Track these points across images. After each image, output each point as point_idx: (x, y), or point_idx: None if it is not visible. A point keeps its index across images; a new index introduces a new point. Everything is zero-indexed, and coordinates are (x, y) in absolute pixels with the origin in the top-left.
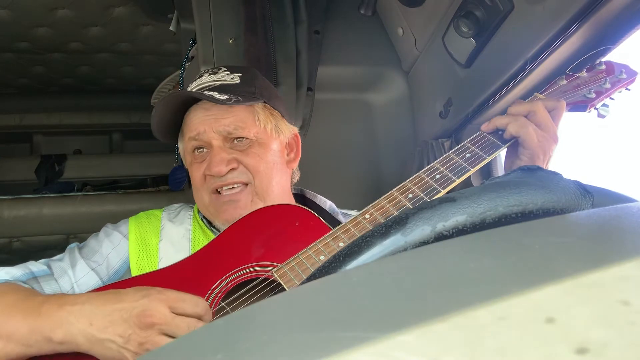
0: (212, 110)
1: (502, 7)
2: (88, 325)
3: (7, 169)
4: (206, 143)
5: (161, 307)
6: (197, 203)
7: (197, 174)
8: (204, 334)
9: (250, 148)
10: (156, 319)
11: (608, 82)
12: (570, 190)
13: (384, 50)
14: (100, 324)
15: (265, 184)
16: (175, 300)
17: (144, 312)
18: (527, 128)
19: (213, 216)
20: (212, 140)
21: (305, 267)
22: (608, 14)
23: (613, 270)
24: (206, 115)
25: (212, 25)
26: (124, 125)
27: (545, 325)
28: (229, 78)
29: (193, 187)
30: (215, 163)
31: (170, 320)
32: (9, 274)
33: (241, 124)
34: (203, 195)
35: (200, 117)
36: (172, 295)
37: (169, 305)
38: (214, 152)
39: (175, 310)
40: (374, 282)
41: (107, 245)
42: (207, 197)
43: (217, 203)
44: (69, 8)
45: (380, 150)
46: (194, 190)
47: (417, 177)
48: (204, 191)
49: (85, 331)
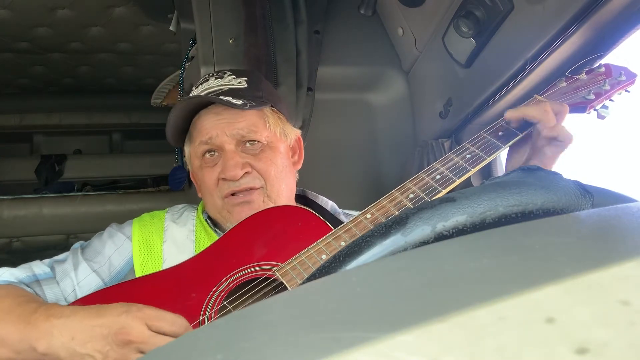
0: (223, 114)
1: (502, 7)
2: (70, 339)
3: (7, 169)
4: (218, 147)
5: (138, 325)
6: (208, 207)
7: (210, 178)
8: (204, 334)
9: (262, 152)
10: (133, 336)
11: (607, 84)
12: (570, 190)
13: (384, 50)
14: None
15: (277, 188)
16: (153, 318)
17: (122, 329)
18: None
19: (226, 219)
20: (225, 144)
21: (307, 266)
22: (608, 14)
23: (613, 270)
24: (218, 120)
25: (212, 25)
26: (124, 125)
27: (545, 325)
28: (236, 82)
29: (204, 191)
30: (231, 167)
31: (146, 339)
32: (12, 275)
33: (254, 127)
34: (215, 199)
35: (212, 122)
36: (151, 313)
37: (146, 323)
38: (227, 156)
39: (152, 328)
40: (374, 282)
41: (110, 247)
42: (219, 201)
43: (231, 205)
44: (69, 8)
45: (380, 150)
46: (205, 195)
47: (418, 177)
48: (216, 195)
49: (67, 345)
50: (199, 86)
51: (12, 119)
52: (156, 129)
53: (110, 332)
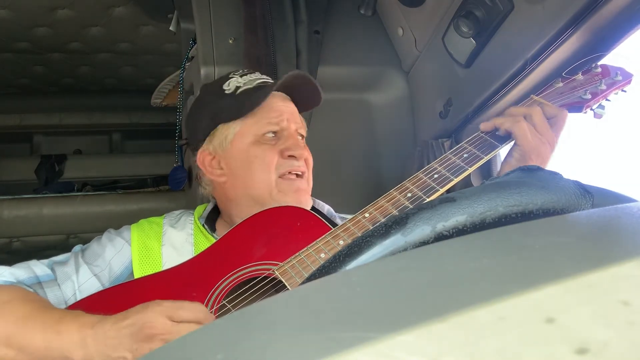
0: (287, 103)
1: (502, 7)
2: (104, 345)
3: (7, 169)
4: (284, 129)
5: (159, 317)
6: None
7: (271, 154)
8: (204, 334)
9: (305, 145)
10: (157, 330)
11: (603, 84)
12: (570, 190)
13: (384, 50)
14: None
15: (311, 179)
16: (173, 308)
17: (145, 324)
18: (520, 124)
19: (273, 197)
20: (291, 128)
21: (306, 264)
22: (608, 14)
23: (613, 270)
24: (286, 106)
25: (212, 25)
26: (124, 125)
27: (545, 325)
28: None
29: (256, 168)
30: (299, 146)
31: (170, 329)
32: (13, 275)
33: (303, 123)
34: (271, 175)
35: (281, 106)
36: (170, 304)
37: (167, 315)
38: (294, 138)
39: (174, 318)
40: (374, 282)
41: (110, 250)
42: (275, 177)
43: (285, 184)
44: (69, 8)
45: (380, 150)
46: (255, 171)
47: (416, 176)
48: (274, 172)
49: (102, 352)
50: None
51: (12, 119)
52: (156, 129)
53: (134, 331)
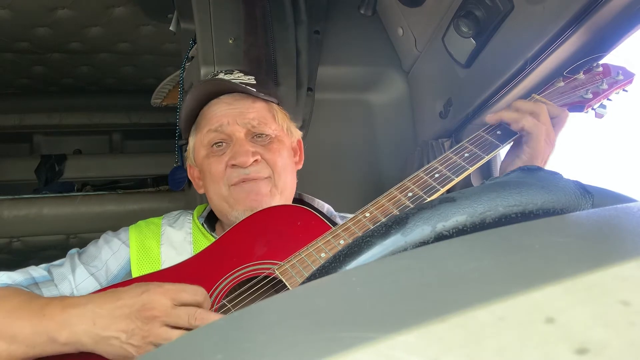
0: (235, 104)
1: (502, 7)
2: (91, 325)
3: (7, 169)
4: (228, 136)
5: (161, 298)
6: (212, 198)
7: (218, 166)
8: (204, 334)
9: (271, 144)
10: (157, 311)
11: (605, 84)
12: (570, 190)
13: (384, 50)
14: (103, 322)
15: (283, 179)
16: (174, 291)
17: (145, 305)
18: (539, 126)
19: (232, 207)
20: (236, 133)
21: (307, 264)
22: (608, 14)
23: (613, 270)
24: (230, 109)
25: (212, 25)
26: (124, 125)
27: (545, 325)
28: (246, 79)
29: (208, 181)
30: (242, 153)
31: (170, 311)
32: (10, 279)
33: (264, 120)
34: (221, 187)
35: (223, 110)
36: (171, 287)
37: (169, 297)
38: (238, 144)
39: (175, 301)
40: (374, 282)
41: (106, 251)
42: (226, 189)
43: (237, 191)
44: (69, 8)
45: (380, 151)
46: (209, 184)
47: (416, 176)
48: (222, 184)
49: (89, 331)
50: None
51: (12, 119)
52: (156, 129)
53: (132, 311)
